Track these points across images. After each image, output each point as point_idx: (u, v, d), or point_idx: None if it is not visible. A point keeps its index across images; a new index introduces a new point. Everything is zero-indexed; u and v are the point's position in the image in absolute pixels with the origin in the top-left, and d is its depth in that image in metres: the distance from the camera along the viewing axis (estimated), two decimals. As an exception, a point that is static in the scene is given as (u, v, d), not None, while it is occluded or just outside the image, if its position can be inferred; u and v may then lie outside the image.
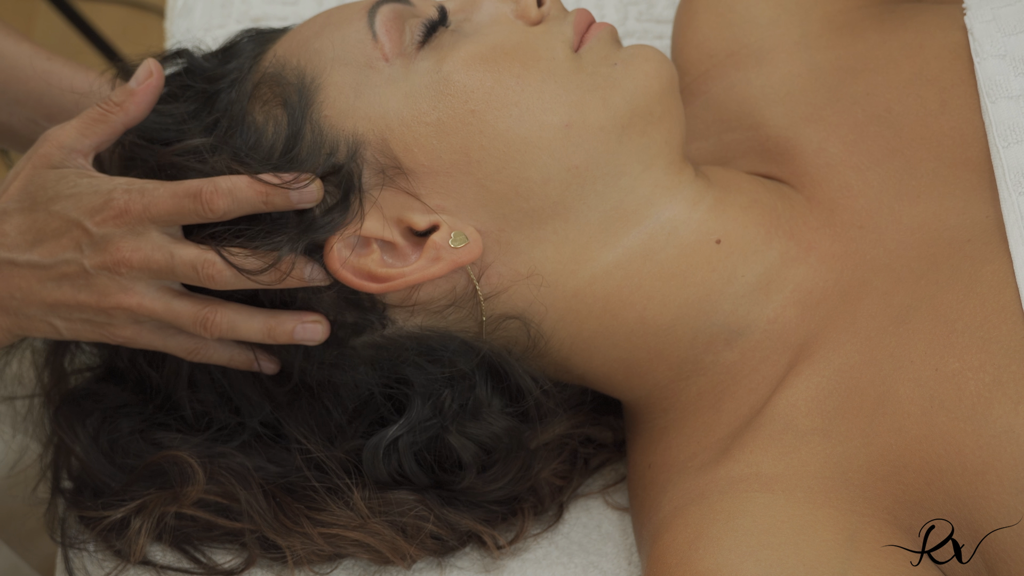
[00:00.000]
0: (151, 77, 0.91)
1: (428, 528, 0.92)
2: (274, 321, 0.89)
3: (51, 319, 0.90)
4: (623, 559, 0.96)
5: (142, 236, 0.87)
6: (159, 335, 0.91)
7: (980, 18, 0.93)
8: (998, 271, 0.84)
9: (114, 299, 0.88)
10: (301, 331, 0.89)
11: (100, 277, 0.88)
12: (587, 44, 0.91)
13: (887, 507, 0.82)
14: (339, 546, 0.93)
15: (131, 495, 0.94)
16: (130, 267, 0.87)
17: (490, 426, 0.91)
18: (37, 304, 0.89)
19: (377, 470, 0.92)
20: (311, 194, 0.86)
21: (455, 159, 0.87)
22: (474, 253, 0.87)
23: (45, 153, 0.90)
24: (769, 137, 0.97)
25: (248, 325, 0.89)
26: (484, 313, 0.90)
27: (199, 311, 0.89)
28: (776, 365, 0.89)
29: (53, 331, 0.91)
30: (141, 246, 0.87)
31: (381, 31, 0.89)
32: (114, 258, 0.87)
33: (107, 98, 0.91)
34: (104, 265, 0.87)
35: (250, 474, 0.93)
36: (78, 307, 0.89)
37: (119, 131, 0.91)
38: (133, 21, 2.14)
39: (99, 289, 0.88)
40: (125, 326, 0.90)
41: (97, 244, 0.87)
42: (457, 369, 0.90)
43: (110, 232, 0.87)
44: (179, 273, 0.87)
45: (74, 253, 0.88)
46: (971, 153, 0.90)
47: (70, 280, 0.88)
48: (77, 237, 0.88)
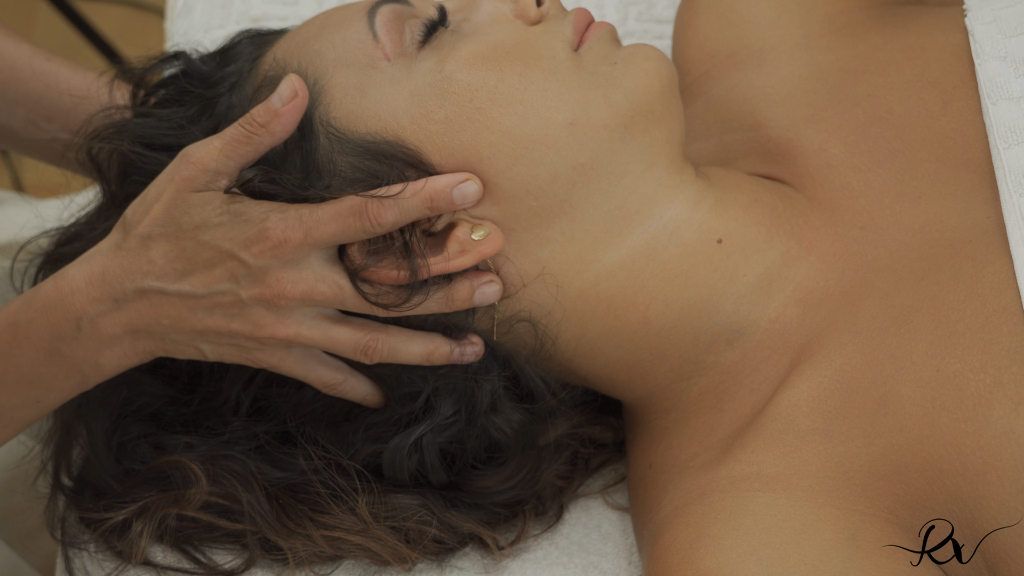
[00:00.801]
0: (296, 97, 0.86)
1: (431, 532, 0.93)
2: (433, 345, 0.89)
3: (199, 344, 0.88)
4: (623, 559, 0.96)
5: (301, 265, 0.85)
6: (302, 365, 0.90)
7: (981, 20, 0.93)
8: (999, 272, 0.84)
9: (270, 330, 0.86)
10: (459, 352, 0.89)
11: (255, 308, 0.86)
12: (587, 43, 0.91)
13: (888, 507, 0.82)
14: (340, 548, 0.93)
15: (133, 497, 0.94)
16: (290, 300, 0.85)
17: (508, 421, 0.91)
18: (186, 331, 0.87)
19: (398, 470, 0.92)
20: (473, 191, 0.86)
21: (467, 156, 0.87)
22: (497, 244, 0.87)
23: (189, 177, 0.87)
24: (770, 138, 0.97)
25: (408, 349, 0.88)
26: (498, 314, 0.90)
27: (361, 338, 0.88)
28: (777, 365, 0.89)
29: (198, 354, 0.89)
30: (302, 278, 0.85)
31: (381, 31, 0.89)
32: (273, 291, 0.85)
33: (250, 118, 0.86)
34: (262, 298, 0.86)
35: (252, 476, 0.93)
36: (229, 335, 0.87)
37: (262, 152, 0.88)
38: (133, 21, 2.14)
39: (254, 320, 0.86)
40: (274, 353, 0.88)
41: (254, 276, 0.85)
42: (479, 369, 0.90)
43: (267, 264, 0.85)
44: (349, 303, 0.86)
45: (230, 284, 0.86)
46: (972, 154, 0.90)
47: (223, 309, 0.86)
48: (232, 269, 0.86)
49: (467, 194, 0.86)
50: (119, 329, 0.88)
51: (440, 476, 0.93)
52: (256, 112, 0.86)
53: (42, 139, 1.07)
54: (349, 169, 0.87)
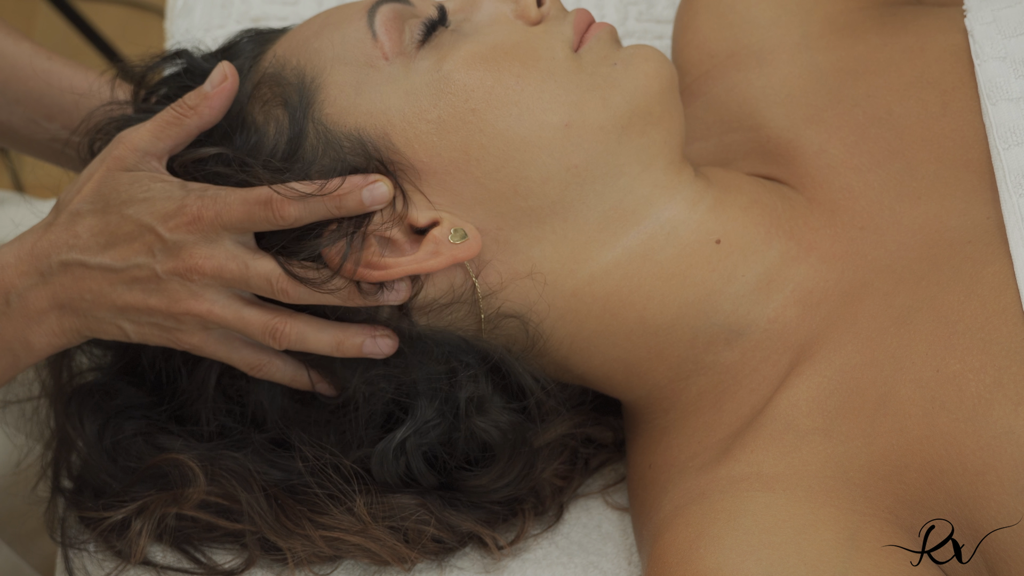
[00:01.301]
0: (226, 80, 0.90)
1: (429, 532, 0.92)
2: (343, 335, 0.89)
3: (120, 322, 0.90)
4: (623, 559, 0.96)
5: (215, 244, 0.87)
6: (225, 346, 0.91)
7: (980, 20, 0.93)
8: (999, 272, 0.84)
9: (184, 305, 0.88)
10: (370, 345, 0.89)
11: (171, 282, 0.88)
12: (587, 44, 0.91)
13: (888, 507, 0.82)
14: (339, 548, 0.93)
15: (132, 496, 0.94)
16: (202, 274, 0.87)
17: (495, 421, 0.91)
18: (107, 307, 0.89)
19: (387, 474, 0.92)
20: (382, 193, 0.87)
21: (455, 157, 0.87)
22: (473, 249, 0.87)
23: (119, 156, 0.90)
24: (770, 138, 0.97)
25: (318, 337, 0.89)
26: (483, 311, 0.90)
27: (269, 320, 0.89)
28: (777, 365, 0.89)
29: (121, 333, 0.91)
30: (214, 254, 0.87)
31: (381, 30, 0.89)
32: (186, 264, 0.87)
33: (181, 101, 0.90)
34: (176, 271, 0.87)
35: (251, 476, 0.93)
36: (148, 311, 0.89)
37: (193, 134, 0.90)
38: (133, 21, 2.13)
39: (170, 294, 0.88)
40: (193, 332, 0.90)
41: (170, 250, 0.87)
42: (460, 368, 0.90)
43: (183, 238, 0.87)
44: (253, 284, 0.87)
45: (146, 258, 0.88)
46: (972, 155, 0.90)
47: (141, 284, 0.88)
48: (150, 242, 0.88)
49: (376, 196, 0.86)
50: (45, 303, 0.89)
51: (428, 479, 0.93)
52: (187, 96, 0.90)
53: (43, 138, 1.07)
54: (329, 164, 0.87)
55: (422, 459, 0.92)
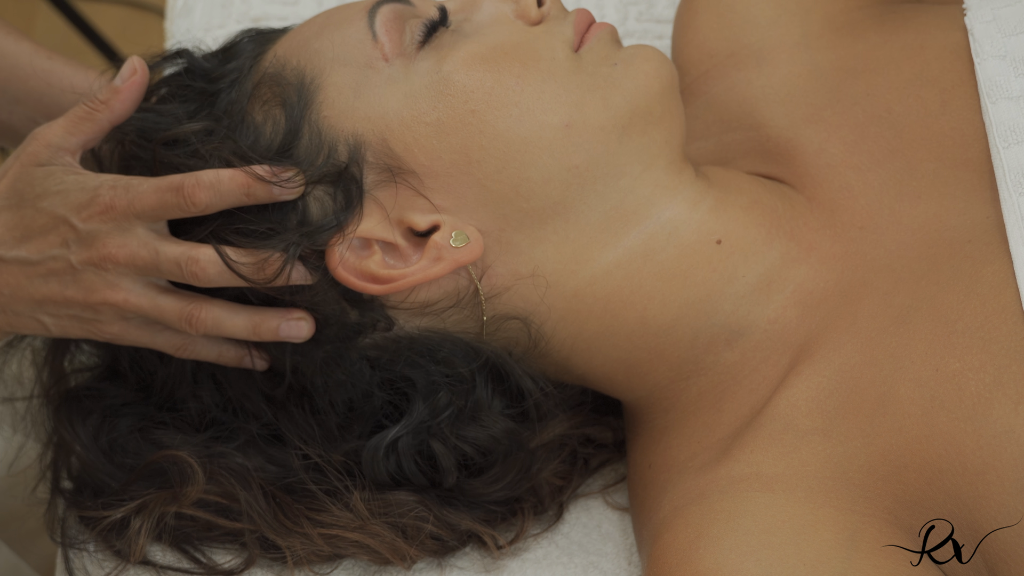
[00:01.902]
0: (135, 74, 0.91)
1: (428, 529, 0.92)
2: (259, 318, 0.89)
3: (39, 316, 0.90)
4: (623, 559, 0.96)
5: (128, 232, 0.88)
6: (146, 331, 0.91)
7: (980, 19, 0.93)
8: (998, 271, 0.84)
9: (100, 295, 0.88)
10: (286, 328, 0.89)
11: (86, 273, 0.88)
12: (587, 44, 0.91)
13: (888, 507, 0.82)
14: (339, 547, 0.93)
15: (131, 495, 0.94)
16: (116, 263, 0.87)
17: (489, 428, 0.91)
18: (25, 301, 0.90)
19: (376, 471, 0.92)
20: (292, 187, 0.87)
21: (455, 159, 0.87)
22: (475, 253, 0.87)
23: (33, 151, 0.91)
24: (770, 138, 0.97)
25: (233, 322, 0.89)
26: (485, 314, 0.90)
27: (184, 307, 0.89)
28: (777, 365, 0.89)
29: (42, 328, 0.91)
30: (127, 242, 0.87)
31: (381, 31, 0.89)
32: (100, 254, 0.87)
33: (93, 96, 0.91)
34: (90, 261, 0.88)
35: (250, 474, 0.93)
36: (65, 303, 0.89)
37: (105, 129, 0.92)
38: (133, 21, 2.14)
39: (85, 285, 0.88)
40: (112, 322, 0.90)
41: (83, 240, 0.88)
42: (457, 370, 0.90)
43: (96, 228, 0.88)
44: (164, 270, 0.88)
45: (61, 249, 0.88)
46: (971, 154, 0.90)
47: (57, 276, 0.89)
48: (64, 233, 0.88)
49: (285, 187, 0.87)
50: None
51: (419, 479, 0.93)
52: (99, 90, 0.91)
53: (42, 137, 1.07)
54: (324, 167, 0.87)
55: (413, 460, 0.92)
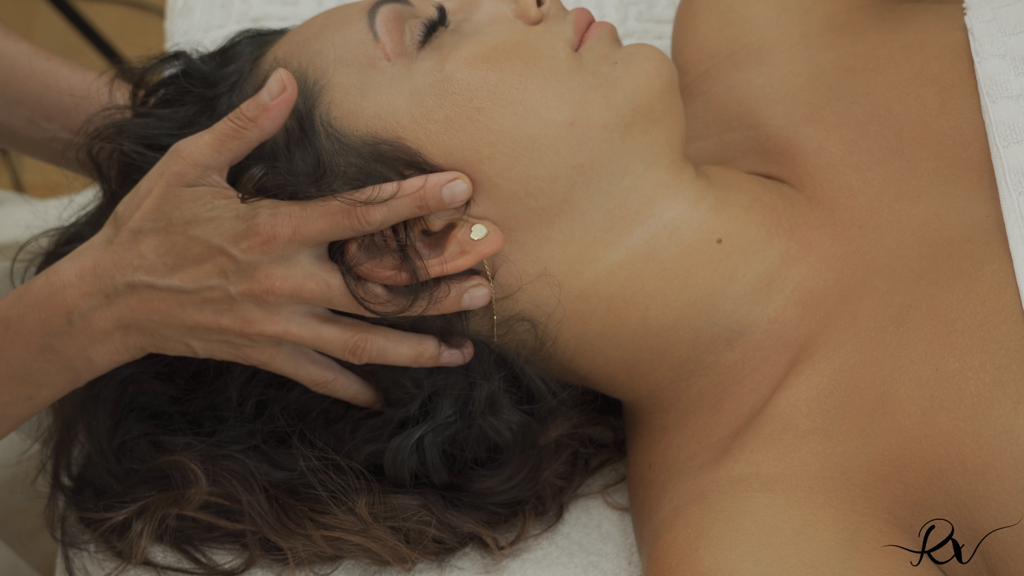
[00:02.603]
0: (284, 92, 0.86)
1: (431, 532, 0.93)
2: (422, 346, 0.88)
3: (188, 339, 0.88)
4: (623, 559, 0.96)
5: (291, 262, 0.85)
6: (293, 363, 0.90)
7: (980, 18, 0.93)
8: (998, 271, 0.84)
9: (259, 326, 0.86)
10: (448, 355, 0.89)
11: (245, 304, 0.86)
12: (587, 43, 0.91)
13: (887, 507, 0.82)
14: (340, 548, 0.93)
15: (132, 497, 0.94)
16: (279, 295, 0.85)
17: (508, 422, 0.91)
18: (176, 326, 0.87)
19: (400, 470, 0.92)
20: (463, 190, 0.86)
21: (466, 156, 0.87)
22: (496, 243, 0.87)
23: (179, 171, 0.86)
24: (769, 137, 0.97)
25: (397, 351, 0.88)
26: (497, 315, 0.90)
27: (350, 338, 0.88)
28: (777, 365, 0.89)
29: (188, 350, 0.89)
30: (291, 274, 0.85)
31: (382, 31, 0.89)
32: (262, 287, 0.85)
33: (239, 112, 0.86)
34: (250, 293, 0.86)
35: (252, 476, 0.93)
36: (219, 330, 0.87)
37: (253, 146, 0.87)
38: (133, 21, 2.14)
39: (243, 315, 0.86)
40: (263, 350, 0.88)
41: (244, 271, 0.85)
42: (479, 369, 0.90)
43: (257, 259, 0.85)
44: (336, 302, 0.86)
45: (219, 280, 0.86)
46: (971, 152, 0.90)
47: (213, 305, 0.86)
48: (222, 264, 0.86)
49: (456, 193, 0.86)
50: (110, 324, 0.87)
51: (442, 476, 0.93)
52: (245, 107, 0.86)
53: (42, 138, 1.07)
54: (350, 169, 0.87)
55: (439, 456, 0.92)
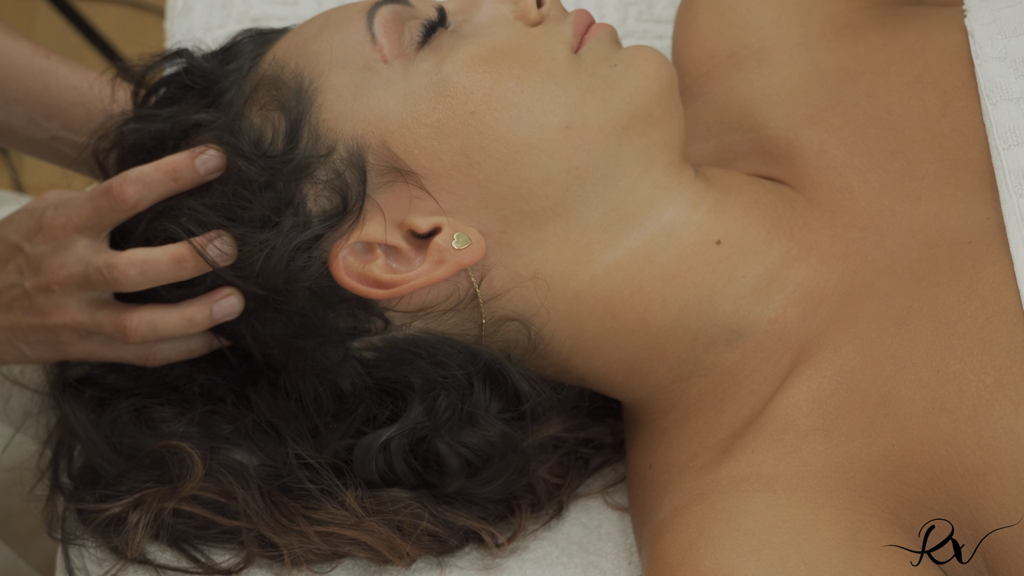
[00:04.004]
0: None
1: (424, 526, 0.92)
2: (190, 310, 0.90)
3: (16, 344, 0.92)
4: (623, 559, 0.96)
5: (68, 250, 0.89)
6: (111, 347, 0.92)
7: (980, 20, 0.93)
8: (999, 273, 0.84)
9: (52, 318, 0.90)
10: (219, 310, 0.90)
11: (38, 298, 0.90)
12: (587, 45, 0.91)
13: (888, 507, 0.82)
14: (336, 545, 0.93)
15: (128, 487, 0.94)
16: (59, 284, 0.89)
17: (486, 432, 0.91)
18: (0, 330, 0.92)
19: (367, 470, 0.92)
20: (214, 160, 0.88)
21: (456, 160, 0.87)
22: (477, 254, 0.87)
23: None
24: (770, 138, 0.97)
25: (167, 321, 0.90)
26: (484, 316, 0.90)
27: (117, 318, 0.90)
28: (777, 366, 0.89)
29: (22, 356, 0.93)
30: (65, 261, 0.89)
31: (380, 32, 0.89)
32: (46, 278, 0.89)
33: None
34: (39, 286, 0.90)
35: (248, 473, 0.93)
36: (30, 330, 0.91)
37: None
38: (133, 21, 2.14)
39: (39, 309, 0.90)
40: (74, 342, 0.92)
41: (33, 265, 0.90)
42: (455, 373, 0.90)
43: (42, 251, 0.89)
44: (93, 281, 0.89)
45: (17, 277, 0.90)
46: (972, 155, 0.90)
47: (18, 304, 0.91)
48: (19, 262, 0.90)
49: (210, 166, 0.88)
50: None
51: (409, 479, 0.93)
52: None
53: (42, 137, 1.07)
54: (327, 175, 0.87)
55: (403, 461, 0.92)
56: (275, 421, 0.94)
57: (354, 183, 0.87)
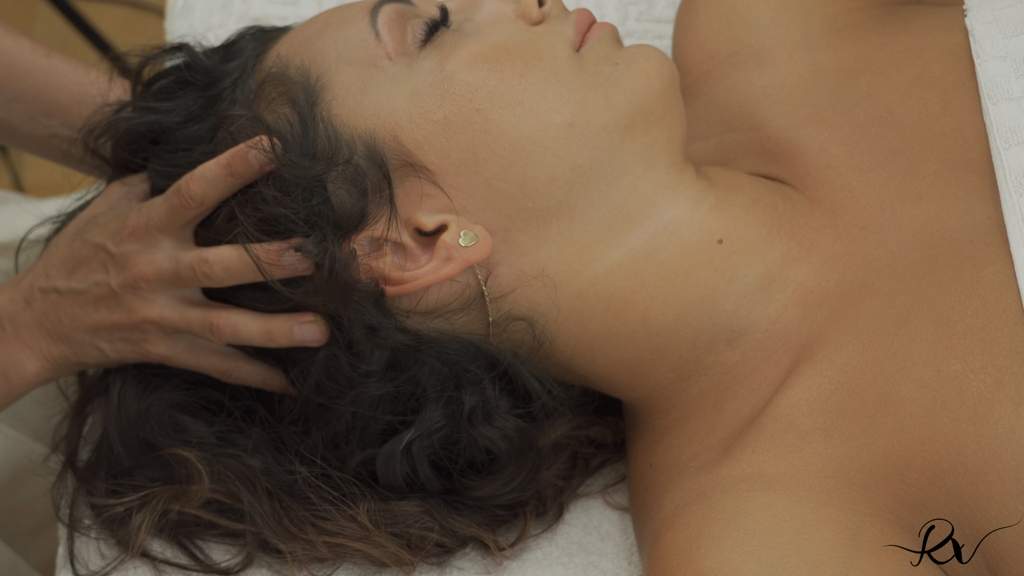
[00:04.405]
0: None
1: (433, 538, 0.92)
2: (272, 323, 0.90)
3: (97, 342, 0.93)
4: (623, 559, 0.96)
5: (155, 248, 0.90)
6: (193, 354, 0.93)
7: (981, 20, 0.93)
8: (999, 272, 0.84)
9: (140, 314, 0.91)
10: (299, 332, 0.89)
11: (126, 295, 0.91)
12: (588, 44, 0.91)
13: (889, 507, 0.82)
14: (341, 554, 0.93)
15: (136, 483, 0.94)
16: (147, 280, 0.90)
17: (501, 428, 0.91)
18: (83, 329, 0.93)
19: (392, 477, 0.92)
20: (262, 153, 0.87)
21: (463, 158, 0.87)
22: (484, 251, 0.87)
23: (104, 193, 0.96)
24: (770, 138, 0.97)
25: (248, 327, 0.90)
26: (491, 315, 0.90)
27: (205, 316, 0.91)
28: (778, 365, 0.89)
29: (102, 355, 0.94)
30: (154, 258, 0.90)
31: (384, 30, 0.89)
32: (132, 274, 0.91)
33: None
34: (126, 283, 0.91)
35: (256, 477, 0.93)
36: (115, 327, 0.92)
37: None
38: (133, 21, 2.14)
39: (126, 306, 0.91)
40: (159, 342, 0.93)
41: (118, 263, 0.91)
42: (468, 372, 0.90)
43: (127, 249, 0.91)
44: (184, 276, 0.90)
45: (103, 275, 0.92)
46: (972, 154, 0.90)
47: (104, 302, 0.92)
48: (103, 260, 0.92)
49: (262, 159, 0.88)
50: (32, 328, 0.94)
51: (433, 483, 0.93)
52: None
53: (41, 134, 1.07)
54: (345, 168, 0.87)
55: (427, 463, 0.92)
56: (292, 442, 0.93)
57: (375, 177, 0.87)
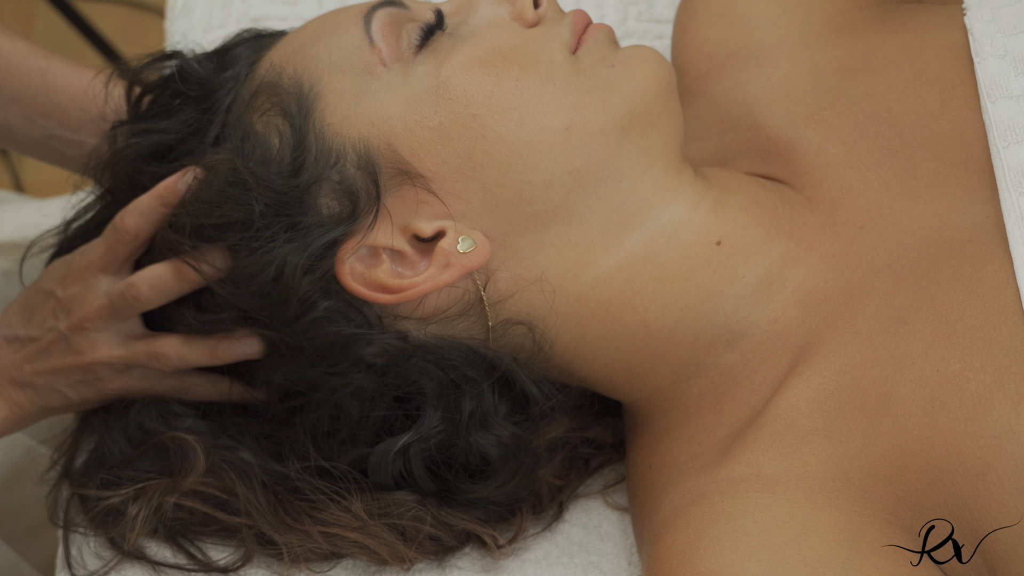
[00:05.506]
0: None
1: (426, 529, 0.92)
2: (212, 342, 0.92)
3: (57, 387, 0.95)
4: (623, 559, 0.96)
5: (94, 288, 0.93)
6: (147, 381, 0.95)
7: (980, 18, 0.93)
8: (999, 272, 0.84)
9: (88, 356, 0.93)
10: (239, 347, 0.92)
11: (74, 337, 0.93)
12: (584, 46, 0.91)
13: (888, 507, 0.82)
14: (337, 545, 0.93)
15: (130, 476, 0.94)
16: (90, 320, 0.93)
17: (497, 435, 0.90)
18: (42, 374, 0.95)
19: (383, 475, 0.92)
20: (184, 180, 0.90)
21: (460, 164, 0.87)
22: (483, 257, 0.87)
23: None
24: (769, 138, 0.97)
25: (192, 350, 0.92)
26: (490, 320, 0.89)
27: (149, 346, 0.93)
28: (777, 366, 0.89)
29: (65, 399, 0.96)
30: (94, 298, 0.92)
31: (378, 36, 0.89)
32: (78, 316, 0.93)
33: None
34: (73, 325, 0.93)
35: (252, 470, 0.93)
36: (70, 370, 0.94)
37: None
38: (133, 21, 2.14)
39: (75, 349, 0.94)
40: (112, 378, 0.95)
41: (65, 308, 0.94)
42: (466, 377, 0.89)
43: (71, 292, 0.93)
44: (118, 307, 0.92)
45: (53, 321, 0.94)
46: (971, 153, 0.90)
47: (56, 346, 0.94)
48: (53, 306, 0.94)
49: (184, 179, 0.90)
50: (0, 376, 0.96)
51: (427, 484, 0.93)
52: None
53: (38, 136, 1.07)
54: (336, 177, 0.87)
55: (423, 465, 0.92)
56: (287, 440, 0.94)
57: (365, 186, 0.87)
